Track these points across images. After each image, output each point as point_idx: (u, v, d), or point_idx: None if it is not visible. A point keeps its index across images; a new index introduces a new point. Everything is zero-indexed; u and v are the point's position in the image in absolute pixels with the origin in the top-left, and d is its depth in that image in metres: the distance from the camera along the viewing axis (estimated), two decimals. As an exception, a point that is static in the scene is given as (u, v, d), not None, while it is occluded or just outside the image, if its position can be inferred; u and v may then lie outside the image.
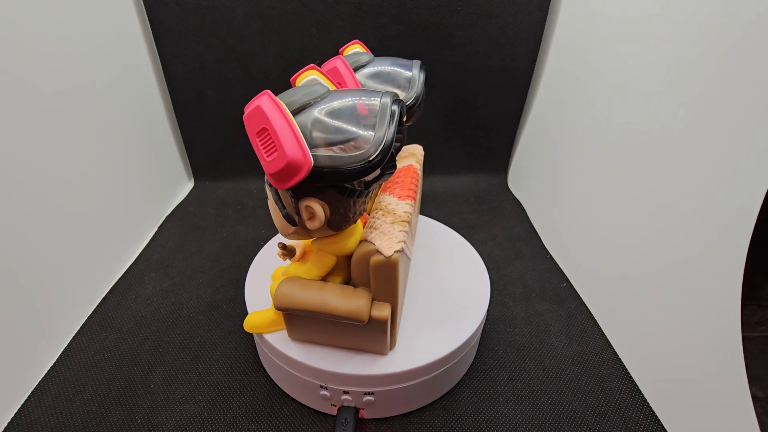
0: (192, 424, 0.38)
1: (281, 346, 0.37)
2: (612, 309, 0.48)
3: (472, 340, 0.39)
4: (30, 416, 0.38)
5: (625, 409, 0.40)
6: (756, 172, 0.30)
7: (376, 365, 0.35)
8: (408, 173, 0.43)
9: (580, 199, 0.56)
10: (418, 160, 0.47)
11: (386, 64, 0.39)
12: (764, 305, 0.56)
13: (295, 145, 0.24)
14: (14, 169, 0.42)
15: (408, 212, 0.36)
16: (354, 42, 0.43)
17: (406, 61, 0.40)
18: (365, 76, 0.39)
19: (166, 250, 0.61)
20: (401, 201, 0.37)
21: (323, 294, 0.33)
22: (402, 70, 0.39)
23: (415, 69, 0.39)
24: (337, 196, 0.28)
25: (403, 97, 0.37)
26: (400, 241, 0.31)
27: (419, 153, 0.49)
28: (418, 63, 0.40)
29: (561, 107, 0.63)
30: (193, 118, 0.75)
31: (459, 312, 0.40)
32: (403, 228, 0.33)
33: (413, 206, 0.38)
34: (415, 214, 0.46)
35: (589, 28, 0.56)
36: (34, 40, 0.45)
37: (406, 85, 0.39)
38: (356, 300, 0.32)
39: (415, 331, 0.38)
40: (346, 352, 0.36)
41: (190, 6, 0.64)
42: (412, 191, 0.39)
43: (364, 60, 0.39)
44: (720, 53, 0.35)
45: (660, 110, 0.42)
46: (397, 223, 0.34)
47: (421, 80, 0.39)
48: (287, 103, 0.26)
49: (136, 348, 0.45)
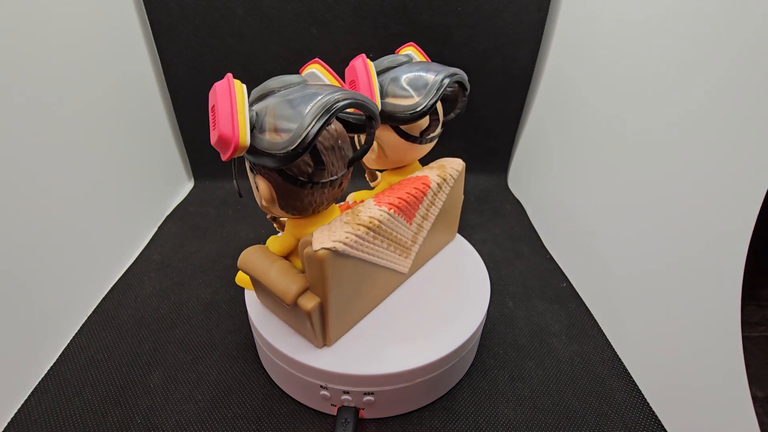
0: (191, 424, 0.38)
1: (281, 346, 0.37)
2: (612, 309, 0.48)
3: (472, 340, 0.39)
4: (30, 416, 0.38)
5: (625, 409, 0.40)
6: (756, 172, 0.30)
7: (376, 365, 0.35)
8: (411, 183, 0.39)
9: (580, 199, 0.56)
10: (442, 175, 0.42)
11: (415, 69, 0.38)
12: (764, 305, 0.56)
13: (228, 123, 0.26)
14: (14, 169, 0.42)
15: (373, 218, 0.34)
16: (409, 44, 0.42)
17: (442, 68, 0.37)
18: (390, 77, 0.38)
19: (166, 250, 0.61)
20: (376, 206, 0.35)
21: (271, 267, 0.35)
22: (428, 75, 0.37)
23: (440, 75, 0.36)
24: (280, 181, 0.31)
25: (412, 103, 0.36)
26: (336, 240, 0.31)
27: (451, 167, 0.43)
28: (451, 72, 0.37)
29: (561, 107, 0.63)
30: (193, 118, 0.75)
31: (459, 312, 0.40)
32: (354, 230, 0.32)
33: (388, 214, 0.35)
34: (423, 230, 0.41)
35: (590, 28, 0.56)
36: (33, 40, 0.45)
37: (423, 91, 0.37)
38: (290, 282, 0.33)
39: (416, 331, 0.38)
40: (346, 351, 0.36)
41: (190, 6, 0.64)
42: (400, 200, 0.37)
43: (400, 61, 0.39)
44: (721, 53, 0.35)
45: (660, 110, 0.42)
46: (351, 224, 0.33)
47: (436, 87, 0.36)
48: (263, 88, 0.30)
49: (135, 348, 0.45)
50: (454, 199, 0.45)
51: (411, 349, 0.37)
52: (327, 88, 0.29)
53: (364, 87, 0.34)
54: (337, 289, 0.33)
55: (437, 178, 0.41)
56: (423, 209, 0.40)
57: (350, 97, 0.28)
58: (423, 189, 0.39)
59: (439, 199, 0.42)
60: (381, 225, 0.35)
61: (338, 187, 0.34)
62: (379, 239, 0.35)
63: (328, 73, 0.33)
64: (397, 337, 0.37)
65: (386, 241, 0.37)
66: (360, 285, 0.36)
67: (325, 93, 0.28)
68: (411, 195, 0.38)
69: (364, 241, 0.33)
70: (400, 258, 0.40)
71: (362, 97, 0.29)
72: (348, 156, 0.33)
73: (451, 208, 0.46)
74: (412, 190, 0.38)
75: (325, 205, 0.35)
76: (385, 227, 0.35)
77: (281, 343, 0.37)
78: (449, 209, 0.45)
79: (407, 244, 0.40)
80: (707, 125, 0.36)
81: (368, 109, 0.30)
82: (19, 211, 0.42)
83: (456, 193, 0.45)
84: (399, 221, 0.37)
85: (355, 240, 0.32)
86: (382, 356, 0.36)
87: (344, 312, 0.36)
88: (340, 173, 0.33)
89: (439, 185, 0.41)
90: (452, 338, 0.37)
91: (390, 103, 0.37)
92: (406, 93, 0.36)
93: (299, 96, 0.28)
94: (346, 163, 0.33)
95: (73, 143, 0.50)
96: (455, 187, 0.44)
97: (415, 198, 0.38)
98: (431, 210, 0.42)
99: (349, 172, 0.34)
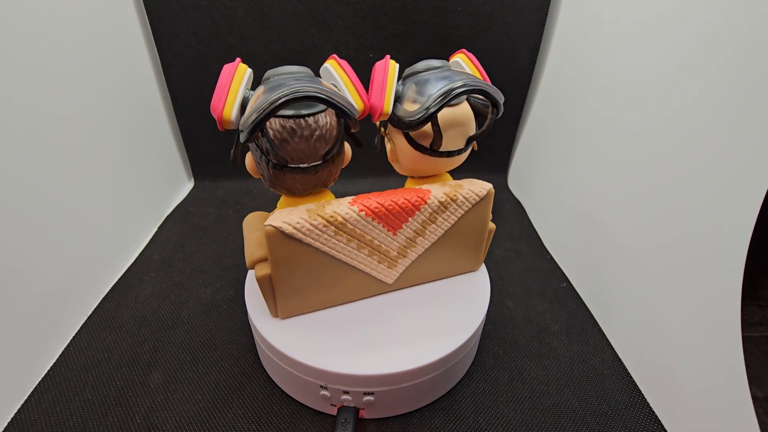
0: (192, 424, 0.38)
1: (281, 346, 0.37)
2: (612, 309, 0.48)
3: (472, 340, 0.39)
4: (30, 416, 0.38)
5: (625, 409, 0.40)
6: (756, 172, 0.30)
7: (376, 365, 0.35)
8: (404, 193, 0.37)
9: (580, 199, 0.56)
10: (451, 194, 0.37)
11: (440, 77, 0.35)
12: (764, 305, 0.56)
13: (218, 98, 0.32)
14: (14, 168, 0.42)
15: (337, 214, 0.34)
16: (460, 51, 0.40)
17: (468, 79, 0.34)
18: (415, 81, 0.36)
19: (166, 249, 0.61)
20: (348, 205, 0.35)
21: (253, 232, 0.39)
22: (441, 83, 0.34)
23: (449, 86, 0.33)
24: (255, 151, 0.34)
25: (414, 109, 0.34)
26: (286, 222, 0.32)
27: (469, 189, 0.38)
28: (467, 84, 0.33)
29: (561, 107, 0.63)
30: (193, 118, 0.75)
31: (459, 312, 0.40)
32: (310, 219, 0.33)
33: (358, 216, 0.35)
34: (417, 245, 0.39)
35: (590, 28, 0.56)
36: (33, 40, 0.45)
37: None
38: (255, 249, 0.37)
39: (415, 331, 0.38)
40: (347, 351, 0.36)
41: (191, 6, 0.64)
42: (379, 206, 0.35)
43: (433, 66, 0.37)
44: (720, 53, 0.35)
45: (660, 110, 0.42)
46: (311, 213, 0.34)
47: (437, 97, 0.33)
48: (272, 73, 0.34)
49: (135, 348, 0.45)
50: (473, 224, 0.40)
51: (411, 349, 0.37)
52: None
53: (376, 87, 0.35)
54: (282, 268, 0.35)
55: (441, 196, 0.37)
56: (415, 223, 0.38)
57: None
58: (415, 202, 0.37)
59: (442, 219, 0.39)
60: (346, 223, 0.35)
61: (313, 174, 0.35)
62: (344, 237, 0.35)
63: (340, 70, 0.36)
64: (397, 337, 0.37)
65: (355, 242, 0.36)
66: (318, 275, 0.37)
67: (280, 87, 0.29)
68: (396, 204, 0.36)
69: (321, 233, 0.34)
70: (381, 266, 0.39)
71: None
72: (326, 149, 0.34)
73: (470, 233, 0.41)
74: (401, 200, 0.36)
75: (309, 191, 0.37)
76: (353, 227, 0.35)
77: (281, 343, 0.37)
78: (465, 234, 0.41)
79: (390, 254, 0.39)
80: (707, 125, 0.36)
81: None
82: (19, 211, 0.42)
83: (476, 219, 0.40)
84: (374, 226, 0.36)
85: (309, 228, 0.33)
86: (382, 356, 0.36)
87: (297, 293, 0.37)
88: (311, 163, 0.34)
89: (443, 204, 0.38)
90: (452, 338, 0.37)
91: (401, 108, 0.36)
92: (416, 98, 0.35)
93: (273, 86, 0.30)
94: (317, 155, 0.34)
95: (73, 143, 0.50)
96: (475, 213, 0.40)
97: (402, 209, 0.36)
98: (430, 228, 0.39)
99: (333, 163, 0.36)
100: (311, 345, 0.37)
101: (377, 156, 0.53)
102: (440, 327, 0.38)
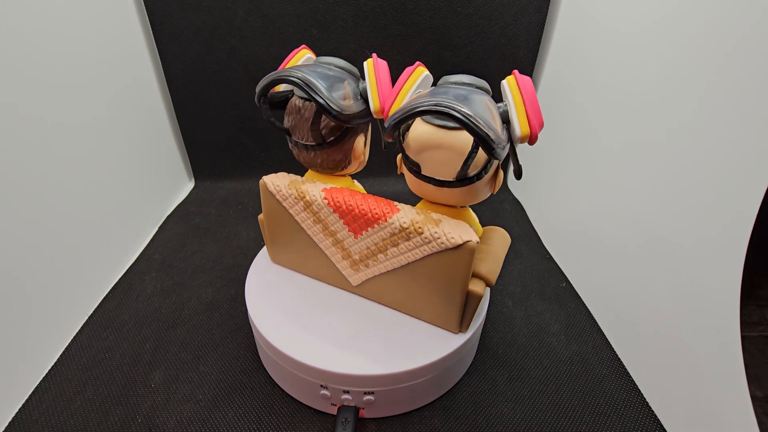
0: (192, 423, 0.38)
1: (281, 345, 0.37)
2: (612, 309, 0.48)
3: (471, 340, 0.39)
4: (31, 415, 0.38)
5: (624, 409, 0.40)
6: (756, 172, 0.30)
7: (376, 365, 0.35)
8: (374, 200, 0.36)
9: (579, 200, 0.57)
10: (419, 227, 0.33)
11: (455, 91, 0.31)
12: (763, 305, 0.56)
13: (389, 94, 0.34)
14: (15, 169, 0.42)
15: (305, 192, 0.38)
16: (512, 73, 0.32)
17: (459, 96, 0.30)
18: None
19: (167, 249, 0.61)
20: (320, 190, 0.38)
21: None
22: (435, 98, 0.29)
23: (430, 102, 0.29)
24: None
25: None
26: (272, 181, 0.39)
27: (447, 232, 0.32)
28: (441, 103, 0.28)
29: (560, 108, 0.64)
30: (193, 118, 0.75)
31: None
32: (285, 185, 0.39)
33: (321, 202, 0.37)
34: (378, 262, 0.37)
35: (589, 29, 0.56)
36: (34, 40, 0.45)
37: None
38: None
39: (415, 331, 0.38)
40: (347, 351, 0.36)
41: (192, 6, 0.65)
42: (342, 201, 0.36)
43: (461, 80, 0.33)
44: (720, 54, 0.35)
45: (659, 111, 0.42)
46: (294, 181, 0.39)
47: (405, 109, 0.29)
48: (290, 66, 0.37)
49: (137, 347, 0.45)
50: (443, 273, 0.34)
51: (411, 349, 0.37)
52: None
53: (391, 89, 0.35)
54: (268, 219, 0.42)
55: (405, 222, 0.34)
56: (375, 236, 0.36)
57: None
58: (376, 214, 0.35)
59: (405, 247, 0.35)
60: (311, 204, 0.38)
61: (309, 153, 0.39)
62: (311, 216, 0.39)
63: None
64: (396, 337, 0.38)
65: (320, 225, 0.39)
66: (294, 238, 0.41)
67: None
68: (358, 207, 0.35)
69: (293, 203, 0.39)
70: (344, 262, 0.40)
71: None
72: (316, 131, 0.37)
73: (441, 282, 0.35)
74: (367, 206, 0.35)
75: (317, 169, 0.42)
76: (317, 210, 0.38)
77: (281, 342, 0.37)
78: (435, 280, 0.35)
79: (352, 255, 0.38)
80: (706, 126, 0.36)
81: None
82: (20, 211, 0.42)
83: (447, 269, 0.34)
84: (335, 218, 0.38)
85: (285, 194, 0.39)
86: (382, 356, 0.36)
87: (279, 245, 0.44)
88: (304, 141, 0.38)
89: (406, 231, 0.34)
90: (452, 338, 0.37)
91: None
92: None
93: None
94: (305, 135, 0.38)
95: (74, 143, 0.51)
96: (446, 260, 0.33)
97: (362, 214, 0.35)
98: (391, 249, 0.36)
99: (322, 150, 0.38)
100: (311, 345, 0.37)
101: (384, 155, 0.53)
102: (440, 327, 0.39)
